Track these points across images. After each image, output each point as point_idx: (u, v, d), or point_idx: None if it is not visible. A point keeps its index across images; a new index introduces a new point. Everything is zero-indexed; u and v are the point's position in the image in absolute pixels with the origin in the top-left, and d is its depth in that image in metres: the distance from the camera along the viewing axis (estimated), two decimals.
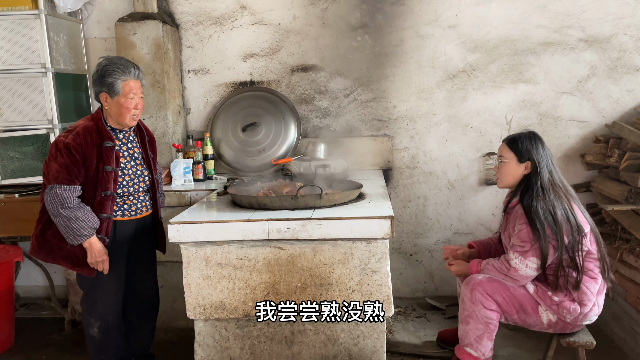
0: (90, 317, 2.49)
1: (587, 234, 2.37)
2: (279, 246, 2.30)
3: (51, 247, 2.40)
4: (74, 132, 2.34)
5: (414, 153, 3.69)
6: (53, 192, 2.28)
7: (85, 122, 2.40)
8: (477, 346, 2.46)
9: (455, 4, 3.52)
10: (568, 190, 2.43)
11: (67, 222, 2.28)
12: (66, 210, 2.27)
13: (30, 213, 3.25)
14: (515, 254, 2.39)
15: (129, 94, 2.36)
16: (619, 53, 3.48)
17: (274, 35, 3.66)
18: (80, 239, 2.32)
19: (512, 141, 2.50)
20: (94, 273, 2.42)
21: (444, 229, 3.75)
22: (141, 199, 2.56)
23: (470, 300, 2.45)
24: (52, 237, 2.40)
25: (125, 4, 3.66)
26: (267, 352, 2.40)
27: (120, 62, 2.37)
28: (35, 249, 2.44)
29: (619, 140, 3.31)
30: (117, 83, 2.34)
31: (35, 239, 2.43)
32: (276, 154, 3.56)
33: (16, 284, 3.65)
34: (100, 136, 2.38)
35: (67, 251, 2.39)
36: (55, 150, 2.31)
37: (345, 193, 2.52)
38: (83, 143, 2.32)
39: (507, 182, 2.53)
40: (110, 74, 2.34)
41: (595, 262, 2.39)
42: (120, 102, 2.37)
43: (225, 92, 3.75)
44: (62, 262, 2.42)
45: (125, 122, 2.42)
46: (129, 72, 2.36)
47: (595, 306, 2.38)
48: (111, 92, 2.36)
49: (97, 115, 2.43)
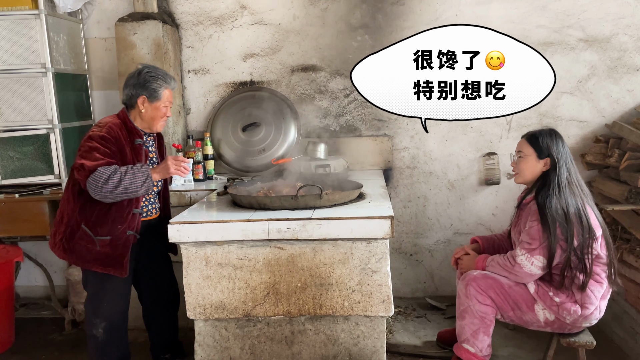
0: (95, 318, 2.49)
1: (599, 238, 2.35)
2: (279, 246, 2.30)
3: (80, 251, 2.40)
4: (106, 126, 2.40)
5: (414, 153, 3.69)
6: (96, 174, 2.25)
7: (114, 119, 2.47)
8: (474, 341, 2.47)
9: (455, 3, 3.52)
10: (584, 191, 2.41)
11: (121, 186, 2.26)
12: (112, 179, 2.25)
13: (30, 213, 3.26)
14: (522, 250, 2.38)
15: (166, 102, 2.51)
16: (619, 53, 3.48)
17: (274, 35, 3.66)
18: (146, 183, 2.32)
19: (533, 137, 2.48)
20: (125, 273, 2.43)
21: (444, 229, 3.75)
22: (152, 201, 2.61)
23: (465, 295, 2.48)
24: (81, 239, 2.39)
25: (125, 4, 3.66)
26: (267, 352, 2.40)
27: (162, 71, 2.52)
28: (65, 252, 2.42)
29: (619, 140, 3.31)
30: (160, 90, 2.48)
31: (62, 244, 2.42)
32: (276, 154, 3.56)
33: (16, 284, 3.65)
34: (130, 133, 2.46)
35: (97, 253, 2.40)
36: (94, 142, 2.33)
37: (345, 193, 2.52)
38: (118, 137, 2.40)
39: (525, 177, 2.50)
40: (154, 80, 2.47)
41: (603, 267, 2.37)
42: (158, 107, 2.49)
43: (225, 92, 3.75)
44: (93, 264, 2.41)
45: (155, 127, 2.54)
46: (170, 82, 2.53)
47: (597, 310, 2.37)
48: (151, 97, 2.47)
49: (124, 115, 2.51)
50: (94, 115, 3.77)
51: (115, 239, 2.40)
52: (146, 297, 2.76)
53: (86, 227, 2.38)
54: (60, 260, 3.85)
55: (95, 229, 2.39)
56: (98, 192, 2.26)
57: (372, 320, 2.36)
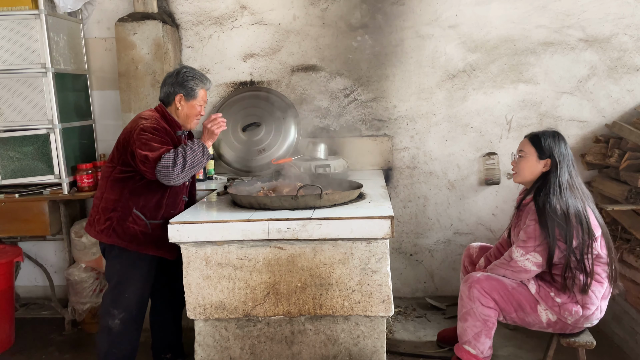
0: (113, 309, 2.52)
1: (598, 238, 2.36)
2: (279, 246, 2.30)
3: (135, 234, 2.50)
4: (152, 118, 2.51)
5: (414, 153, 3.69)
6: (164, 162, 2.32)
7: (154, 113, 2.58)
8: (476, 344, 2.47)
9: (455, 3, 3.52)
10: (584, 193, 2.42)
11: (187, 164, 2.36)
12: (178, 160, 2.34)
13: (30, 213, 3.26)
14: (518, 248, 2.40)
15: (201, 101, 2.63)
16: (619, 53, 3.48)
17: (274, 35, 3.66)
18: (205, 152, 2.44)
19: (535, 137, 2.50)
20: (174, 255, 2.54)
21: (444, 229, 3.75)
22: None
23: (468, 297, 2.47)
24: (133, 224, 2.49)
25: (125, 4, 3.66)
26: (267, 352, 2.40)
27: (199, 72, 2.63)
28: (117, 236, 2.50)
29: (619, 140, 3.31)
30: (197, 89, 2.60)
31: (113, 228, 2.49)
32: (276, 154, 3.56)
33: (16, 284, 3.66)
34: (171, 126, 2.58)
35: (151, 236, 2.52)
36: (149, 134, 2.42)
37: (345, 193, 2.51)
38: (164, 127, 2.52)
39: (524, 177, 2.51)
40: (191, 79, 2.58)
41: (604, 267, 2.37)
42: (194, 106, 2.61)
43: (225, 92, 3.75)
44: (145, 247, 2.51)
45: (189, 125, 2.65)
46: (206, 83, 2.65)
47: (598, 310, 2.37)
48: (188, 96, 2.58)
49: (162, 109, 2.62)
50: (94, 115, 3.77)
51: (166, 223, 2.44)
52: (157, 294, 2.80)
53: (138, 212, 2.49)
54: (61, 260, 3.87)
55: (148, 214, 2.51)
56: (170, 177, 2.34)
57: (372, 320, 2.36)
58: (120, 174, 2.51)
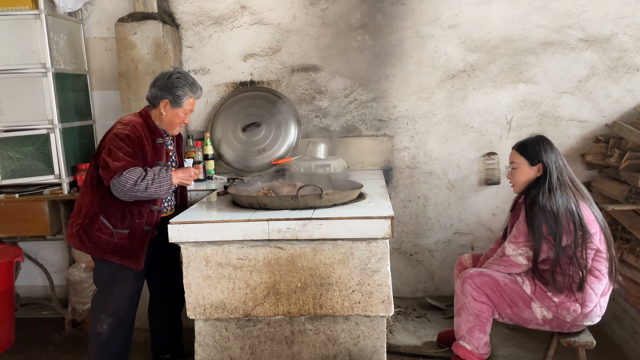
0: (101, 314, 2.51)
1: (597, 233, 2.38)
2: (279, 246, 2.30)
3: (98, 241, 2.46)
4: (129, 125, 2.45)
5: (414, 153, 3.69)
6: (123, 179, 2.33)
7: (136, 118, 2.52)
8: (470, 339, 2.52)
9: (455, 3, 3.52)
10: (579, 189, 2.46)
11: (146, 192, 2.35)
12: (138, 186, 2.33)
13: (30, 213, 3.26)
14: (510, 244, 2.49)
15: (187, 110, 2.58)
16: (619, 53, 3.48)
17: (274, 35, 3.66)
18: (169, 189, 2.43)
19: (521, 146, 2.57)
20: (141, 266, 2.50)
21: (444, 229, 3.75)
22: (169, 199, 2.67)
23: (461, 292, 2.54)
24: (99, 231, 2.45)
25: (125, 4, 3.66)
26: (268, 352, 2.40)
27: (191, 79, 2.57)
28: (82, 243, 2.47)
29: (619, 140, 3.31)
30: (184, 98, 2.54)
31: (79, 235, 2.46)
32: (276, 154, 3.56)
33: (16, 284, 3.65)
34: (152, 132, 2.52)
35: (115, 245, 2.46)
36: (119, 141, 2.39)
37: (345, 193, 2.51)
38: (140, 136, 2.46)
39: (521, 186, 2.57)
40: (181, 87, 2.52)
41: (604, 262, 2.39)
42: (178, 114, 2.56)
43: (225, 92, 3.75)
44: (110, 255, 2.47)
45: (172, 131, 2.62)
46: (196, 91, 2.58)
47: (597, 307, 2.37)
48: (174, 103, 2.53)
49: (146, 113, 2.57)
50: (94, 115, 3.77)
51: (133, 232, 2.46)
52: (155, 295, 2.80)
53: (105, 219, 2.44)
54: (61, 260, 3.87)
55: (114, 222, 2.45)
56: (122, 195, 2.35)
57: (372, 320, 2.36)
58: (93, 178, 2.48)
